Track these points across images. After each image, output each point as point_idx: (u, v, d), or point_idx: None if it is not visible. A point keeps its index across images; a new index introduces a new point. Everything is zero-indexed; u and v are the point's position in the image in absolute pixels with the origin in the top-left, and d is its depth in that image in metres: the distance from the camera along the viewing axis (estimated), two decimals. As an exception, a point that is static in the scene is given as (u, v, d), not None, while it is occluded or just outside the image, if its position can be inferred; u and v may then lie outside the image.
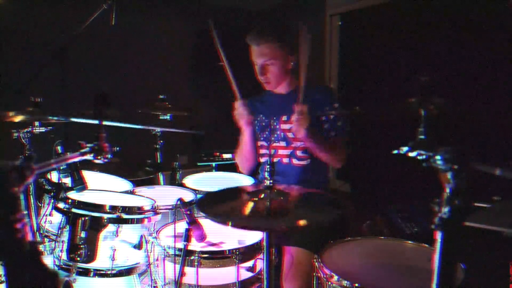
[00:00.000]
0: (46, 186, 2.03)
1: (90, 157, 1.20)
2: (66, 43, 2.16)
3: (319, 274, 1.45)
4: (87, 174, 1.75)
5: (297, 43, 2.11)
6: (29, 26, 3.45)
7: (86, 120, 1.64)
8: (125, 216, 1.71)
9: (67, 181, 1.74)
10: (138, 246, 1.79)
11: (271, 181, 1.41)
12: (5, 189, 0.74)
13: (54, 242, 1.86)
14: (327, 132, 2.15)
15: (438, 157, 0.85)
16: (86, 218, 1.66)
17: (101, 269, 1.69)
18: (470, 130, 2.66)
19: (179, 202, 1.64)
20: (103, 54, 3.72)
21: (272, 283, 1.42)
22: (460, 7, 2.89)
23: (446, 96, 0.99)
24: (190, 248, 1.59)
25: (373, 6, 3.56)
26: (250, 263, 1.73)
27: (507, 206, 1.00)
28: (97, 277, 1.69)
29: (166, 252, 1.69)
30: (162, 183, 2.95)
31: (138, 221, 1.75)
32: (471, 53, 2.80)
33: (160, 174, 2.96)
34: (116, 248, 1.70)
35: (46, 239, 2.09)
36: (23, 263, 0.75)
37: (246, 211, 1.34)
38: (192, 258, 1.60)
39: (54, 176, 2.00)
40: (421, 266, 1.43)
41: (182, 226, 1.68)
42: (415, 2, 3.21)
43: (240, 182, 2.61)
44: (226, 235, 1.79)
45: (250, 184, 2.49)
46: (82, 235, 1.64)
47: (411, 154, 0.92)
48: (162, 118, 2.92)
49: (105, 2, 2.17)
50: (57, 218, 2.05)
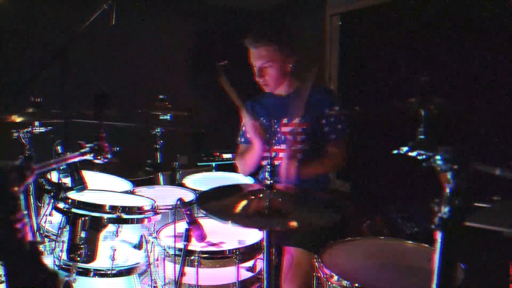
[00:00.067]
0: (46, 186, 2.04)
1: (90, 157, 1.20)
2: (66, 43, 2.16)
3: (319, 274, 1.45)
4: (87, 174, 1.75)
5: (295, 45, 2.11)
6: (29, 26, 3.45)
7: (86, 120, 1.64)
8: (125, 216, 1.71)
9: (67, 181, 1.74)
10: (138, 246, 1.79)
11: (271, 181, 1.41)
12: (5, 189, 0.74)
13: (54, 242, 1.86)
14: (327, 135, 2.15)
15: (438, 157, 0.85)
16: (86, 218, 1.66)
17: (101, 269, 1.69)
18: (470, 130, 2.66)
19: (179, 202, 1.64)
20: (103, 54, 3.72)
21: (272, 283, 1.42)
22: (460, 7, 2.88)
23: (446, 96, 0.99)
24: (190, 248, 1.59)
25: (373, 6, 3.55)
26: (250, 263, 1.73)
27: (507, 206, 1.00)
28: (97, 277, 1.69)
29: (166, 252, 1.69)
30: (162, 183, 2.96)
31: (138, 221, 1.76)
32: (471, 53, 2.79)
33: (160, 174, 2.97)
34: (116, 248, 1.70)
35: (46, 239, 2.10)
36: (23, 263, 0.75)
37: (245, 209, 1.35)
38: (192, 258, 1.60)
39: (54, 176, 2.00)
40: (421, 266, 1.43)
41: (182, 226, 1.68)
42: (415, 2, 3.20)
43: (240, 182, 2.61)
44: (226, 235, 1.79)
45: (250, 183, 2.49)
46: (82, 235, 1.65)
47: (411, 154, 0.92)
48: (162, 118, 2.92)
49: (105, 2, 2.17)
50: (57, 218, 2.05)
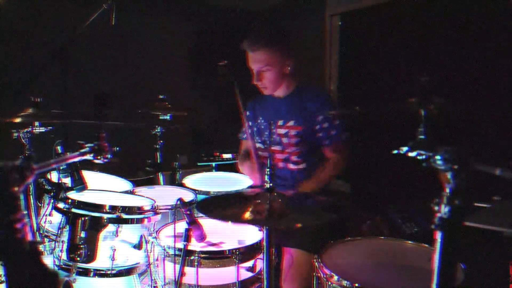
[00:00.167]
0: (46, 186, 2.03)
1: (90, 157, 1.20)
2: (66, 43, 2.16)
3: (319, 274, 1.45)
4: (87, 174, 1.75)
5: (293, 47, 2.10)
6: (29, 26, 3.44)
7: (86, 121, 1.64)
8: (125, 216, 1.71)
9: (67, 181, 1.74)
10: (138, 246, 1.79)
11: (271, 184, 1.42)
12: (5, 189, 0.74)
13: (54, 242, 1.86)
14: (321, 140, 2.13)
15: (438, 157, 0.85)
16: (86, 218, 1.66)
17: (101, 269, 1.69)
18: (470, 130, 2.66)
19: (179, 202, 1.64)
20: (103, 54, 3.72)
21: (272, 283, 1.42)
22: (460, 7, 2.88)
23: (446, 96, 0.99)
24: (190, 248, 1.59)
25: (373, 6, 3.55)
26: (250, 263, 1.73)
27: (507, 206, 1.00)
28: (97, 277, 1.69)
29: (166, 252, 1.69)
30: (162, 183, 2.96)
31: (138, 221, 1.75)
32: (471, 53, 2.79)
33: (160, 174, 2.96)
34: (116, 248, 1.70)
35: (46, 239, 2.09)
36: (23, 263, 0.75)
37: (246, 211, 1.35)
38: (192, 258, 1.60)
39: (54, 176, 2.00)
40: (421, 266, 1.43)
41: (182, 226, 1.68)
42: (415, 2, 3.20)
43: (239, 182, 2.61)
44: (226, 235, 1.79)
45: (249, 185, 2.49)
46: (82, 235, 1.64)
47: (411, 154, 0.92)
48: (162, 118, 2.92)
49: (105, 2, 2.17)
50: (57, 218, 2.05)
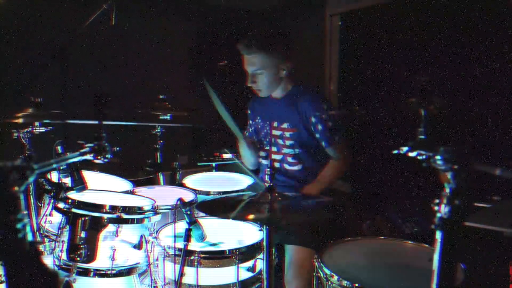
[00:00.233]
0: (46, 186, 2.04)
1: (90, 157, 1.19)
2: (66, 43, 2.16)
3: (319, 274, 1.45)
4: (87, 174, 1.75)
5: (290, 51, 2.10)
6: (29, 26, 3.44)
7: (86, 121, 1.64)
8: (125, 216, 1.71)
9: (67, 181, 1.74)
10: (138, 246, 1.79)
11: (271, 183, 1.42)
12: (5, 189, 0.74)
13: (54, 242, 1.86)
14: (319, 141, 2.12)
15: (438, 157, 0.85)
16: (86, 218, 1.66)
17: (101, 269, 1.69)
18: (470, 130, 2.66)
19: (179, 202, 1.64)
20: (103, 54, 3.72)
21: (272, 283, 1.42)
22: (460, 7, 2.88)
23: (446, 96, 0.99)
24: (190, 248, 1.59)
25: (373, 6, 3.55)
26: (250, 263, 1.73)
27: (507, 206, 1.00)
28: (97, 277, 1.69)
29: (166, 252, 1.69)
30: (162, 183, 2.96)
31: (138, 221, 1.76)
32: (471, 53, 2.79)
33: (160, 174, 2.96)
34: (116, 248, 1.70)
35: (46, 239, 2.10)
36: (23, 263, 0.75)
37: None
38: (192, 258, 1.60)
39: (54, 176, 2.00)
40: (421, 266, 1.43)
41: (182, 226, 1.68)
42: (415, 2, 3.20)
43: (239, 182, 2.61)
44: (226, 235, 1.79)
45: (249, 184, 2.49)
46: (82, 235, 1.64)
47: (411, 154, 0.92)
48: (162, 118, 2.92)
49: (105, 2, 2.17)
50: (57, 218, 2.05)
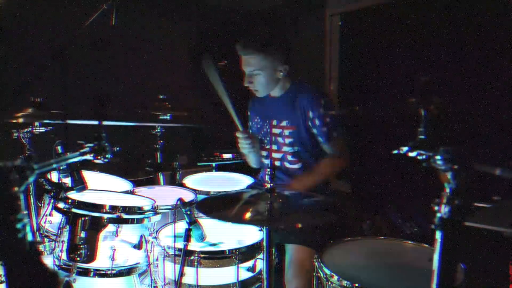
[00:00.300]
0: (46, 186, 2.03)
1: (90, 157, 1.19)
2: (66, 43, 2.16)
3: (319, 274, 1.45)
4: (87, 174, 1.75)
5: (288, 53, 2.10)
6: (29, 26, 3.44)
7: (86, 121, 1.64)
8: (125, 216, 1.71)
9: (67, 181, 1.74)
10: (138, 246, 1.79)
11: (272, 184, 1.42)
12: (5, 189, 0.74)
13: (54, 242, 1.86)
14: (317, 137, 2.11)
15: (438, 157, 0.85)
16: (86, 218, 1.66)
17: (101, 269, 1.69)
18: (470, 130, 2.66)
19: (179, 202, 1.64)
20: (103, 54, 3.71)
21: (272, 283, 1.42)
22: (460, 7, 2.88)
23: (446, 96, 0.99)
24: (190, 248, 1.59)
25: (373, 6, 3.55)
26: (250, 263, 1.73)
27: (507, 206, 1.00)
28: (97, 277, 1.69)
29: (166, 252, 1.69)
30: (162, 183, 2.96)
31: (138, 221, 1.76)
32: (471, 53, 2.79)
33: (160, 174, 2.97)
34: (116, 248, 1.70)
35: (46, 239, 2.10)
36: (23, 263, 0.75)
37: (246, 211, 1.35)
38: (192, 258, 1.60)
39: (54, 176, 2.00)
40: (421, 266, 1.43)
41: (182, 226, 1.68)
42: (415, 2, 3.20)
43: (239, 182, 2.61)
44: (226, 235, 1.79)
45: (249, 184, 2.49)
46: (82, 235, 1.64)
47: (411, 154, 0.92)
48: (162, 118, 2.92)
49: (105, 2, 2.17)
50: (57, 218, 2.05)
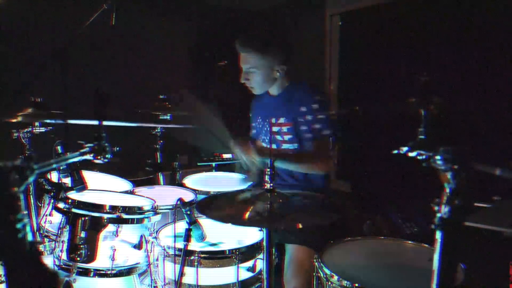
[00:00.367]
0: (46, 186, 2.03)
1: (90, 157, 1.19)
2: (66, 43, 2.16)
3: (319, 274, 1.45)
4: (87, 174, 1.75)
5: (286, 53, 2.10)
6: (29, 26, 3.45)
7: (86, 121, 1.64)
8: (125, 216, 1.71)
9: (67, 181, 1.74)
10: (138, 246, 1.79)
11: (271, 184, 1.41)
12: (5, 189, 0.74)
13: (54, 242, 1.86)
14: (303, 133, 2.09)
15: (438, 157, 0.85)
16: (86, 218, 1.66)
17: (101, 269, 1.69)
18: (470, 130, 2.66)
19: (179, 202, 1.64)
20: (103, 54, 3.72)
21: (272, 283, 1.42)
22: (460, 7, 2.89)
23: (446, 96, 0.99)
24: (190, 248, 1.59)
25: (373, 6, 3.56)
26: (250, 263, 1.73)
27: (507, 206, 1.00)
28: (97, 277, 1.69)
29: (166, 252, 1.69)
30: (162, 183, 2.96)
31: (138, 221, 1.76)
32: (471, 53, 2.80)
33: (160, 174, 2.97)
34: (116, 248, 1.70)
35: (46, 239, 2.10)
36: (23, 263, 0.75)
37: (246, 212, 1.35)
38: (192, 258, 1.60)
39: (54, 176, 2.01)
40: (421, 266, 1.43)
41: (182, 226, 1.68)
42: (415, 2, 3.21)
43: (239, 182, 2.61)
44: (226, 235, 1.79)
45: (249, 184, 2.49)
46: (82, 235, 1.64)
47: (411, 154, 0.92)
48: (162, 118, 2.92)
49: (105, 2, 2.17)
50: (57, 218, 2.05)
